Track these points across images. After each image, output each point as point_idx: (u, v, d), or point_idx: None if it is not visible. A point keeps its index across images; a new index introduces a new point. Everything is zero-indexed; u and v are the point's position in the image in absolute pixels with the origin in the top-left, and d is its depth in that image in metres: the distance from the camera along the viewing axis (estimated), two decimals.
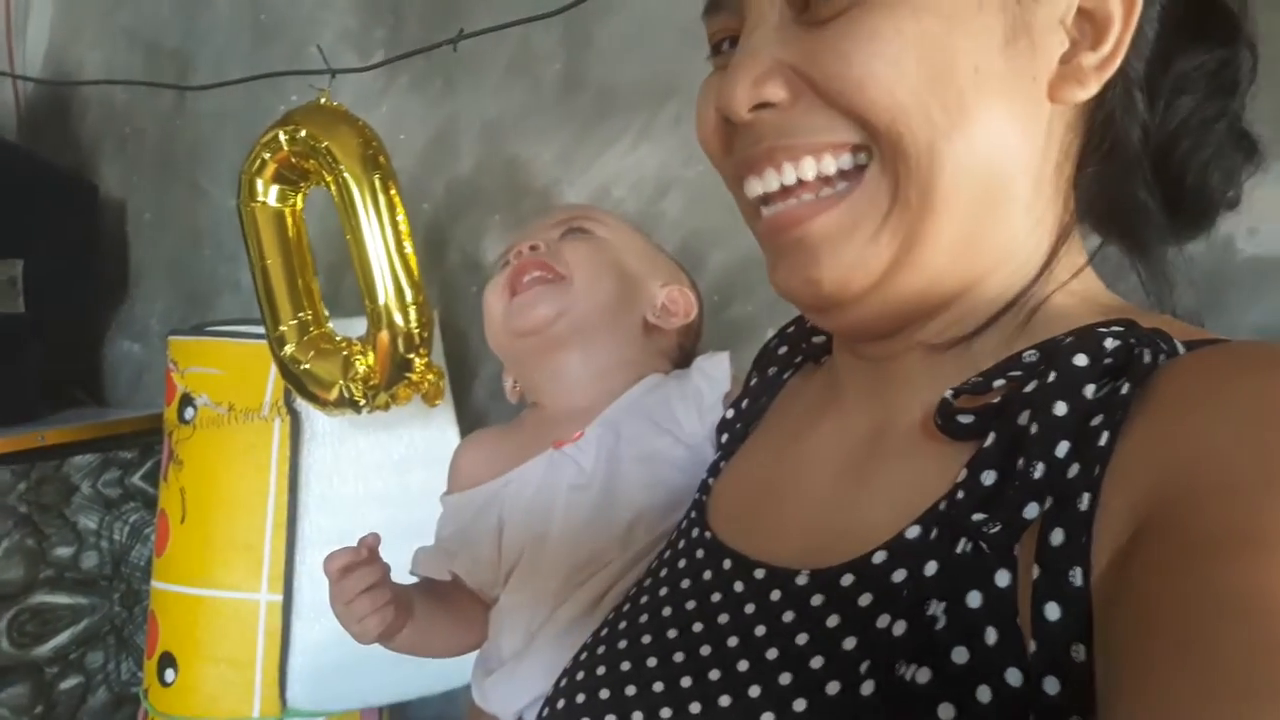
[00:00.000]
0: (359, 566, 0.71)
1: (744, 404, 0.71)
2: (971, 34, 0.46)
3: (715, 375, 0.78)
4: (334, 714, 1.57)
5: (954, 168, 0.47)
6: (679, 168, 1.53)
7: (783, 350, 0.71)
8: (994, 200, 0.49)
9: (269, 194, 1.41)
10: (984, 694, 0.40)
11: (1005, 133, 0.48)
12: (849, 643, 0.46)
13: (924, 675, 0.42)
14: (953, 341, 0.52)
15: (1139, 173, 0.51)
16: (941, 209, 0.48)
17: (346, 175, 1.31)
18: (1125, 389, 0.43)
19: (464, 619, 0.79)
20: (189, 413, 1.59)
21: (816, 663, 0.46)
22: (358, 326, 1.42)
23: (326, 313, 1.45)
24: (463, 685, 1.58)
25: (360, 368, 1.35)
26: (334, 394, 1.36)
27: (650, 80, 1.53)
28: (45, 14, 2.32)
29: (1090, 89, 0.48)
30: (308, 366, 1.38)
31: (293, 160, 1.37)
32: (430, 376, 1.36)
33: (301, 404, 1.50)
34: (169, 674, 1.56)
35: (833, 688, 0.45)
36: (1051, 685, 0.39)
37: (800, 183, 0.51)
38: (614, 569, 0.70)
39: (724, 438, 0.71)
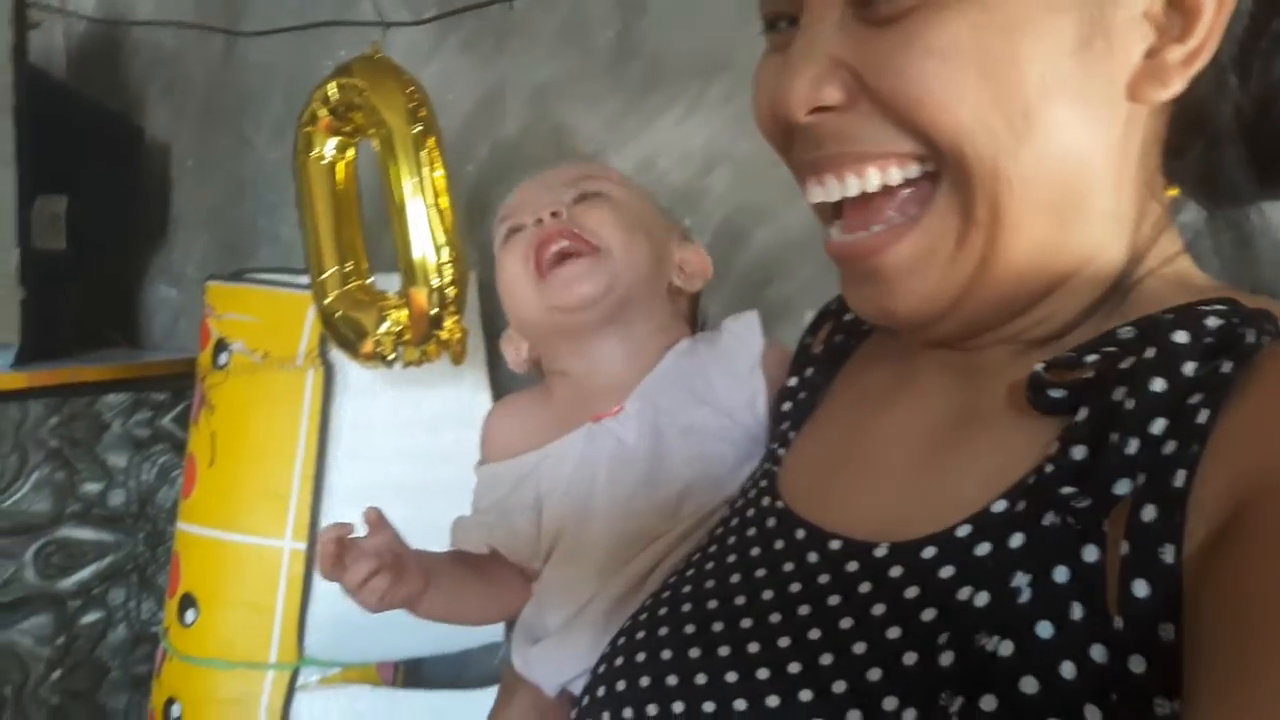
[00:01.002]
0: (350, 548, 0.68)
1: (808, 372, 0.69)
2: (1038, 41, 0.44)
3: (747, 337, 0.77)
4: (350, 665, 1.58)
5: (1023, 182, 0.46)
6: (727, 143, 1.52)
7: (848, 317, 0.69)
8: (1071, 205, 0.48)
9: (324, 146, 1.42)
10: (1068, 670, 0.40)
11: (1078, 139, 0.46)
12: (928, 614, 0.45)
13: (1006, 648, 0.41)
14: (1042, 340, 0.51)
15: (1232, 149, 0.49)
16: (1014, 224, 0.47)
17: (388, 126, 1.32)
18: (1227, 368, 0.42)
19: (501, 588, 0.77)
20: (223, 358, 1.61)
21: (893, 633, 0.46)
22: (396, 282, 1.42)
23: (367, 266, 1.45)
24: (479, 646, 1.60)
25: (392, 322, 1.36)
26: (369, 345, 1.36)
27: (703, 53, 1.51)
28: None
29: (1175, 87, 0.46)
30: (346, 316, 1.39)
31: (340, 110, 1.37)
32: (459, 335, 1.36)
33: (336, 356, 1.51)
34: (189, 614, 1.58)
35: (910, 658, 0.44)
36: (1137, 664, 0.39)
37: (864, 196, 0.50)
38: (662, 544, 0.69)
39: (786, 405, 0.69)
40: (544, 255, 0.74)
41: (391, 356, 1.36)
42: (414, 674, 1.71)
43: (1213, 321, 0.44)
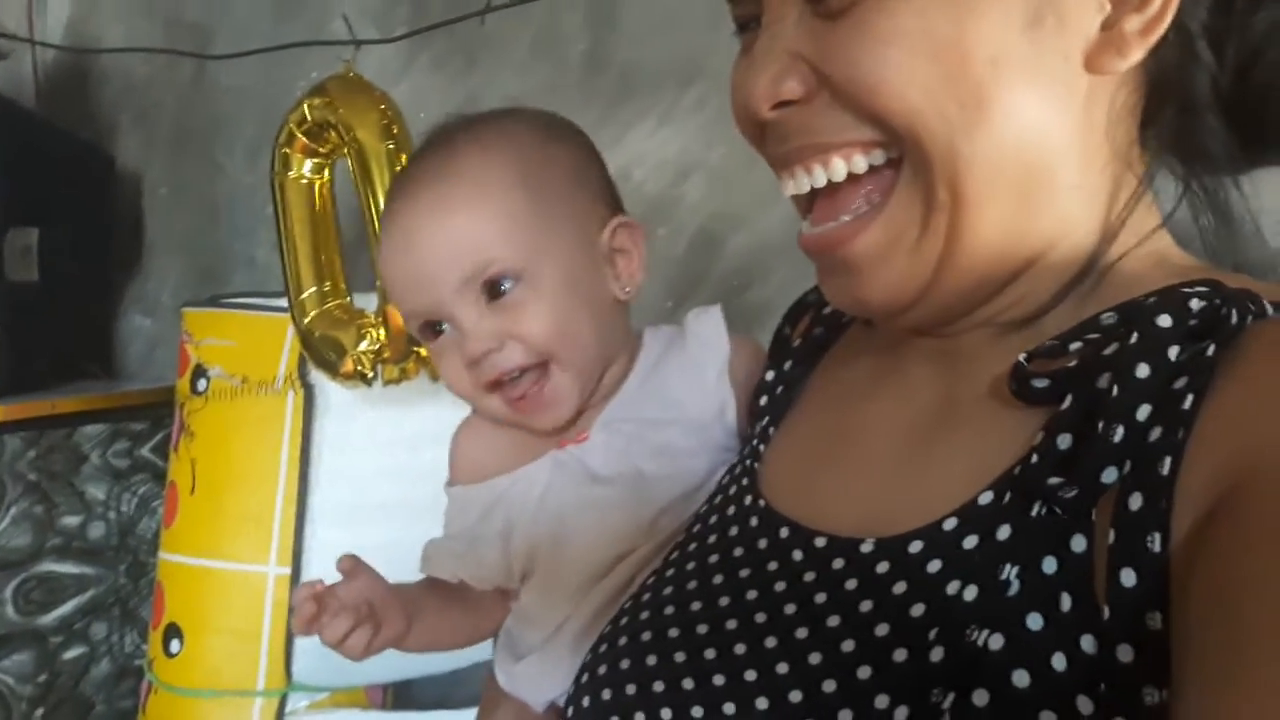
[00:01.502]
0: (327, 605, 0.65)
1: (786, 365, 0.68)
2: (986, 21, 0.45)
3: (711, 339, 0.73)
4: (339, 689, 1.56)
5: (981, 162, 0.46)
6: (701, 151, 1.52)
7: (827, 309, 0.68)
8: (1035, 182, 0.48)
9: (302, 166, 1.43)
10: (1059, 661, 0.40)
11: (1036, 116, 0.47)
12: (917, 609, 0.45)
13: (996, 642, 0.41)
14: (1019, 322, 0.51)
15: (1208, 117, 0.49)
16: (976, 205, 0.47)
17: (360, 143, 1.32)
18: (1210, 350, 0.42)
19: (481, 612, 0.76)
20: (201, 384, 1.59)
21: (882, 630, 0.45)
22: (375, 302, 1.42)
23: (345, 285, 1.45)
24: (468, 665, 1.58)
25: (371, 340, 1.36)
26: (349, 364, 1.36)
27: (675, 63, 1.52)
28: None
29: (1133, 57, 0.46)
30: (325, 335, 1.38)
31: (315, 131, 1.37)
32: None
33: (316, 377, 1.50)
34: (174, 645, 1.56)
35: (900, 654, 0.44)
36: (1125, 653, 0.39)
37: (830, 185, 0.50)
38: (640, 555, 0.68)
39: (764, 400, 0.68)
40: (499, 388, 0.69)
41: (371, 375, 1.36)
42: (403, 695, 1.69)
43: (1195, 303, 0.43)
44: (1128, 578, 0.39)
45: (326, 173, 1.44)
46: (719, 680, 0.50)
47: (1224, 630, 0.35)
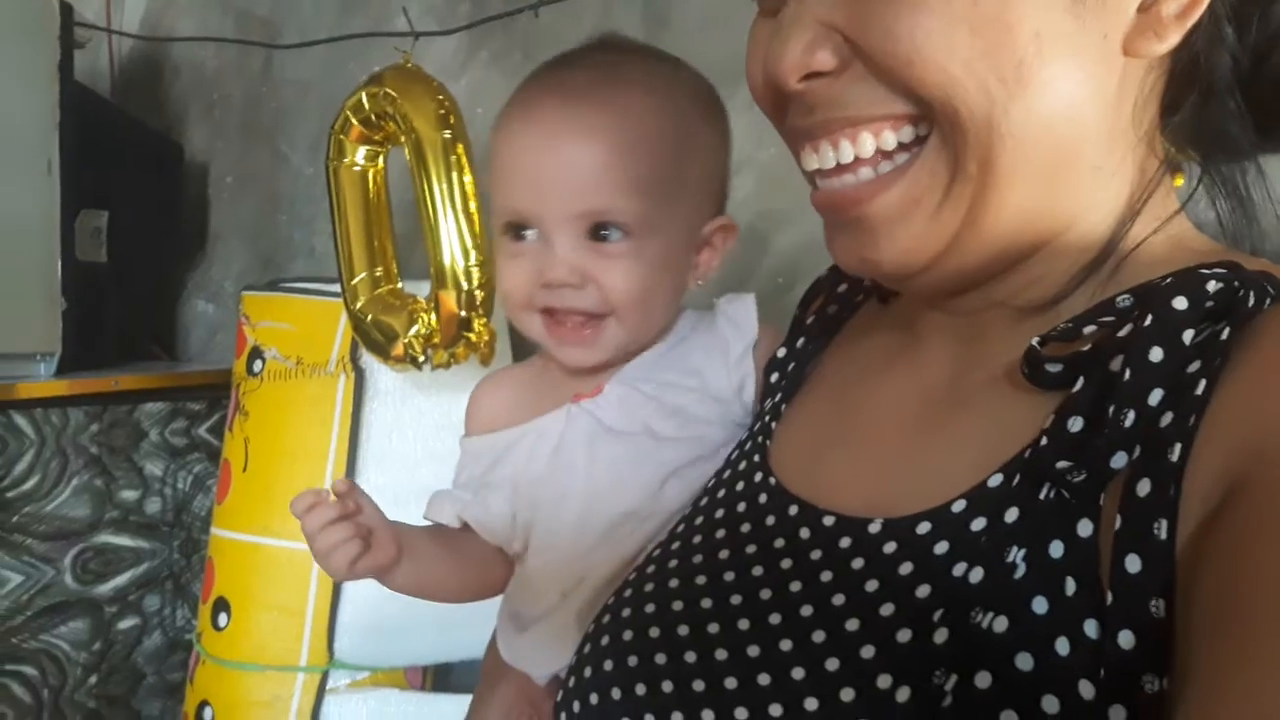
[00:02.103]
0: (320, 505, 0.66)
1: (799, 342, 0.67)
2: None
3: (742, 322, 0.74)
4: (379, 669, 1.59)
5: (1015, 137, 0.45)
6: (752, 149, 1.52)
7: (842, 288, 0.68)
8: (1062, 162, 0.47)
9: (356, 154, 1.46)
10: (1063, 646, 0.39)
11: (1072, 95, 0.45)
12: (922, 590, 0.45)
13: (1001, 624, 0.41)
14: (1037, 305, 0.50)
15: (1227, 101, 0.48)
16: (1005, 179, 0.46)
17: (417, 132, 1.34)
18: (1225, 333, 0.41)
19: (478, 567, 0.74)
20: (257, 365, 1.63)
21: (887, 610, 0.45)
22: (426, 290, 1.44)
23: (397, 271, 1.48)
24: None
25: (422, 325, 1.38)
26: (399, 349, 1.38)
27: (726, 61, 1.51)
28: None
29: (1169, 41, 0.45)
30: (376, 319, 1.41)
31: (372, 119, 1.40)
32: (486, 337, 1.38)
33: (367, 361, 1.53)
34: (222, 618, 1.60)
35: (904, 635, 0.44)
36: (1126, 640, 0.38)
37: (857, 159, 0.49)
38: (650, 525, 0.67)
39: (774, 377, 0.67)
40: (550, 314, 0.71)
41: (422, 359, 1.38)
42: (442, 679, 1.71)
43: (1213, 285, 0.43)
44: (1133, 564, 0.39)
45: (380, 160, 1.47)
46: (721, 655, 0.49)
47: (1230, 624, 0.34)
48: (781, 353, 0.68)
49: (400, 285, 1.47)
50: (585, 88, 0.68)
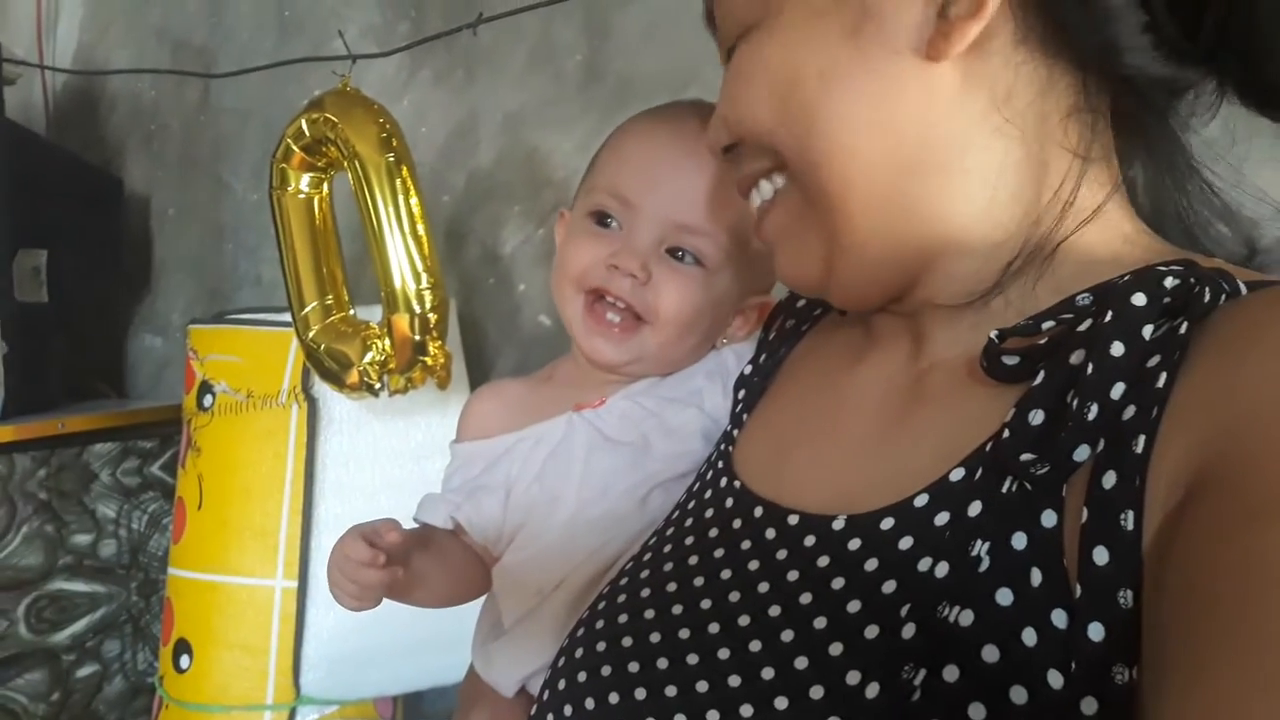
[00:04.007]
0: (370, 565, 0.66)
1: (762, 358, 0.70)
2: (810, 43, 0.50)
3: (744, 354, 0.76)
4: (347, 702, 1.56)
5: (829, 165, 0.50)
6: None
7: (801, 303, 0.71)
8: (908, 174, 0.49)
9: (300, 181, 1.44)
10: (1029, 636, 0.40)
11: (874, 116, 0.49)
12: (888, 586, 0.45)
13: (967, 618, 0.41)
14: (965, 302, 0.51)
15: (1130, 17, 0.46)
16: (842, 203, 0.51)
17: (361, 157, 1.33)
18: (1184, 328, 0.42)
19: (460, 572, 0.75)
20: (208, 400, 1.60)
21: (854, 607, 0.46)
22: (378, 314, 1.42)
23: (348, 298, 1.46)
24: None
25: (376, 351, 1.36)
26: (354, 377, 1.36)
27: (670, 71, 1.53)
28: (75, 14, 2.35)
29: (967, 38, 0.47)
30: (330, 348, 1.39)
31: (314, 145, 1.38)
32: (442, 360, 1.37)
33: (319, 390, 1.51)
34: (184, 660, 1.56)
35: (871, 631, 0.44)
36: (1096, 632, 0.38)
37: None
38: (631, 534, 0.69)
39: (741, 393, 0.70)
40: (594, 299, 0.73)
41: (378, 385, 1.36)
42: (413, 708, 1.69)
43: (1170, 281, 0.43)
44: (1100, 556, 0.39)
45: (325, 187, 1.45)
46: (693, 660, 0.50)
47: (1198, 618, 0.34)
48: (748, 369, 0.71)
49: (352, 312, 1.45)
50: None
